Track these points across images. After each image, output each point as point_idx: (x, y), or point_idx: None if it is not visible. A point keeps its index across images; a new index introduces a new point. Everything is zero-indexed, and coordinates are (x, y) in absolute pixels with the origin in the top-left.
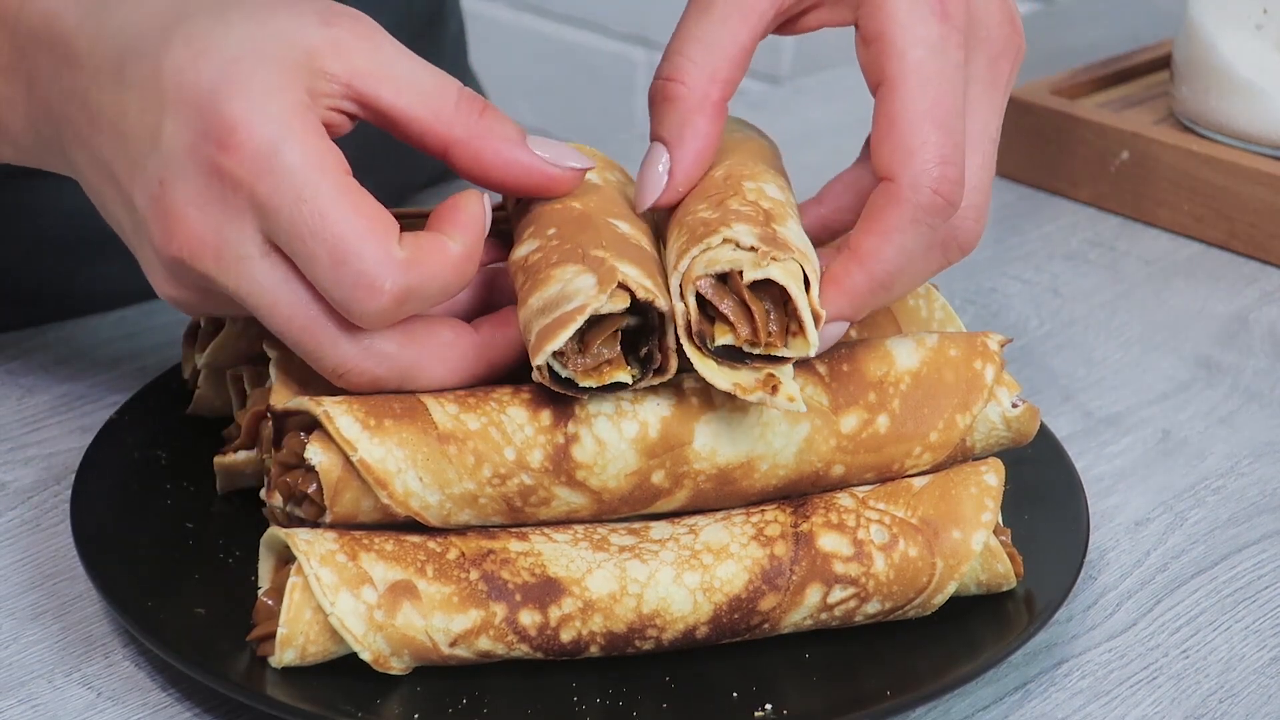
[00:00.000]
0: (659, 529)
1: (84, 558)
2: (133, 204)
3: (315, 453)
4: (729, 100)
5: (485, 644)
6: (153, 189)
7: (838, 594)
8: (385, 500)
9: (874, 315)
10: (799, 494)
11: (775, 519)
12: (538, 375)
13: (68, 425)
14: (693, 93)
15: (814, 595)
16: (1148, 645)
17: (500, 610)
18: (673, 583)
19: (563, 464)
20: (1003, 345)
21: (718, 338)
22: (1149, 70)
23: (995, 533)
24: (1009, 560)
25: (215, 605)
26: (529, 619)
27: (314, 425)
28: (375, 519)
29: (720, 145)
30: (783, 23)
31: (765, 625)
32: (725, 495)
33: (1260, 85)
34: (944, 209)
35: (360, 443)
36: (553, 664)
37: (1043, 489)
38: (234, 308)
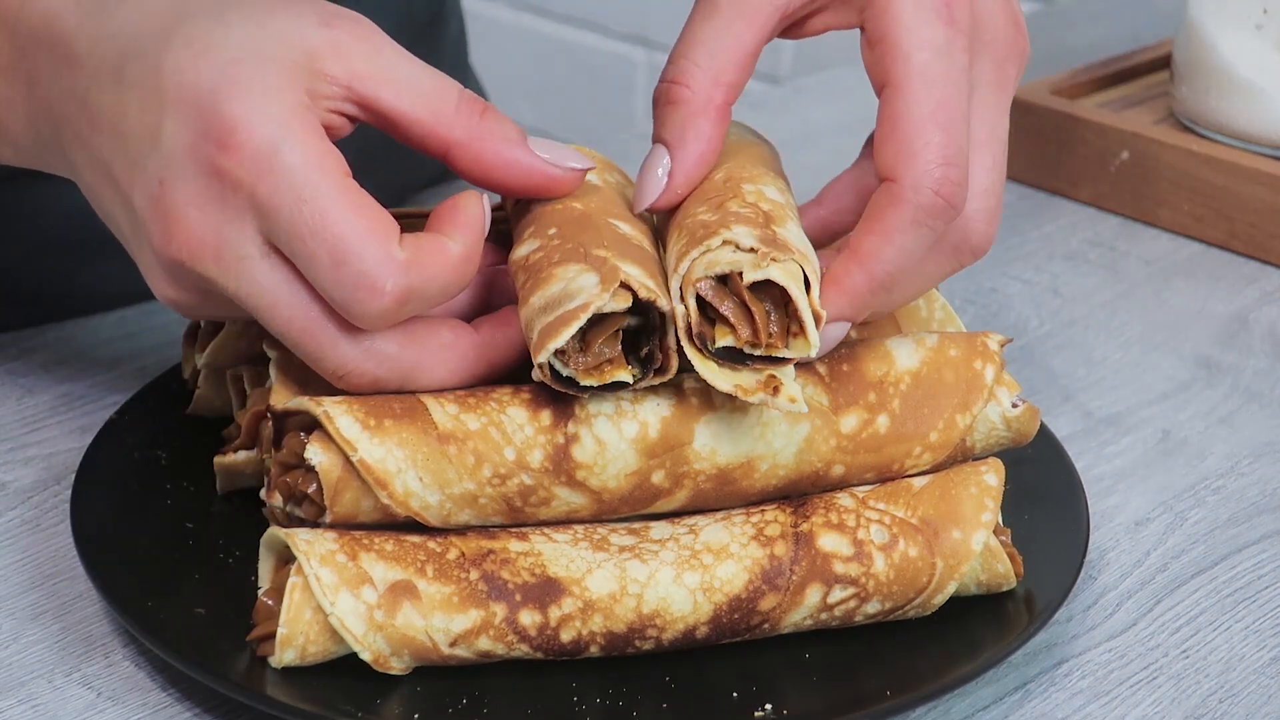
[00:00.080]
0: (659, 529)
1: (84, 558)
2: (132, 205)
3: (315, 453)
4: (733, 104)
5: (485, 644)
6: (152, 189)
7: (838, 594)
8: (385, 500)
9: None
10: (799, 494)
11: (775, 519)
12: (539, 373)
13: (68, 425)
14: (697, 96)
15: (814, 595)
16: (1148, 645)
17: (500, 610)
18: (673, 583)
19: (563, 464)
20: (1003, 345)
21: (718, 339)
22: (1149, 70)
23: (995, 533)
24: (1009, 560)
25: (215, 605)
26: (529, 619)
27: (314, 425)
28: (375, 519)
29: (722, 149)
30: (788, 26)
31: (765, 625)
32: (725, 495)
33: (1260, 85)
34: (945, 210)
35: (360, 443)
36: (553, 664)
37: (1043, 489)
38: (233, 310)
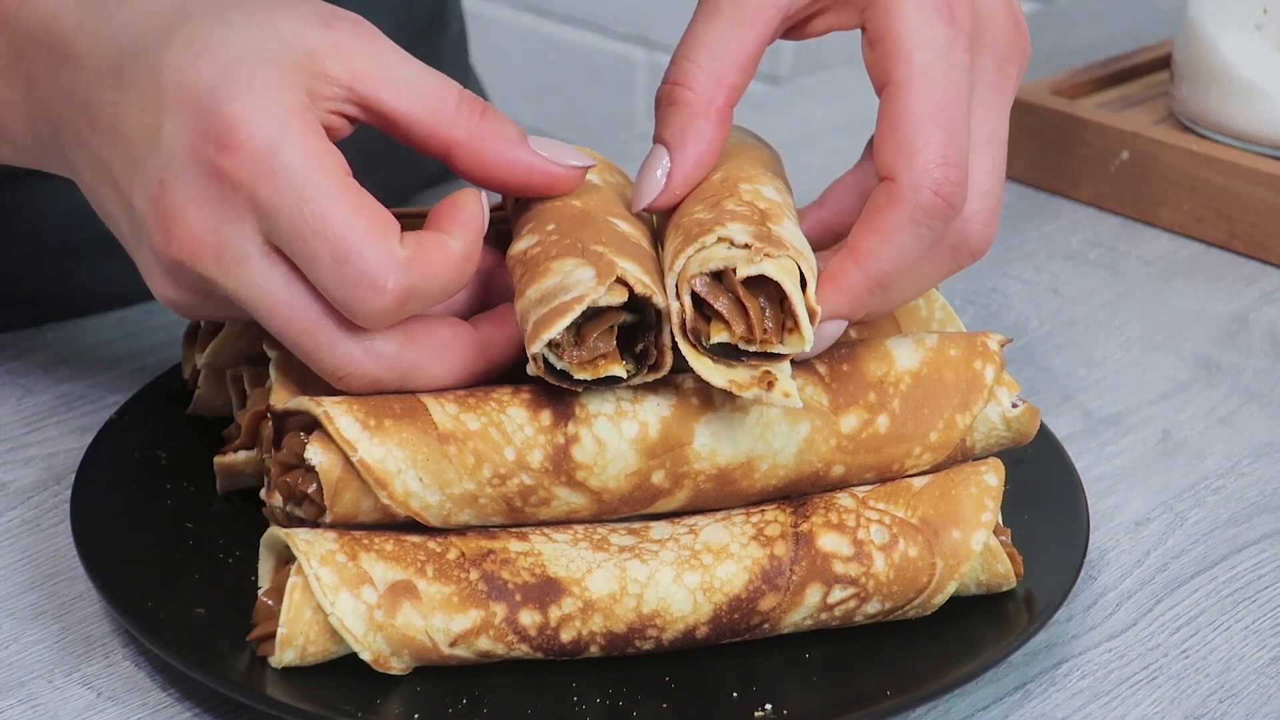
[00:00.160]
0: (659, 529)
1: (84, 558)
2: (131, 205)
3: (315, 453)
4: (734, 105)
5: (485, 644)
6: (152, 190)
7: (838, 594)
8: (385, 500)
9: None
10: (799, 494)
11: (775, 519)
12: (533, 365)
13: (68, 425)
14: (698, 98)
15: (814, 595)
16: (1148, 645)
17: (500, 610)
18: (673, 583)
19: (563, 464)
20: (1003, 345)
21: (713, 335)
22: (1149, 70)
23: (995, 533)
24: (1009, 560)
25: (215, 605)
26: (529, 619)
27: (314, 425)
28: (375, 519)
29: (723, 150)
30: (790, 28)
31: (765, 625)
32: (725, 495)
33: (1260, 85)
34: (944, 210)
35: (360, 443)
36: (553, 664)
37: (1043, 489)
38: (232, 310)
